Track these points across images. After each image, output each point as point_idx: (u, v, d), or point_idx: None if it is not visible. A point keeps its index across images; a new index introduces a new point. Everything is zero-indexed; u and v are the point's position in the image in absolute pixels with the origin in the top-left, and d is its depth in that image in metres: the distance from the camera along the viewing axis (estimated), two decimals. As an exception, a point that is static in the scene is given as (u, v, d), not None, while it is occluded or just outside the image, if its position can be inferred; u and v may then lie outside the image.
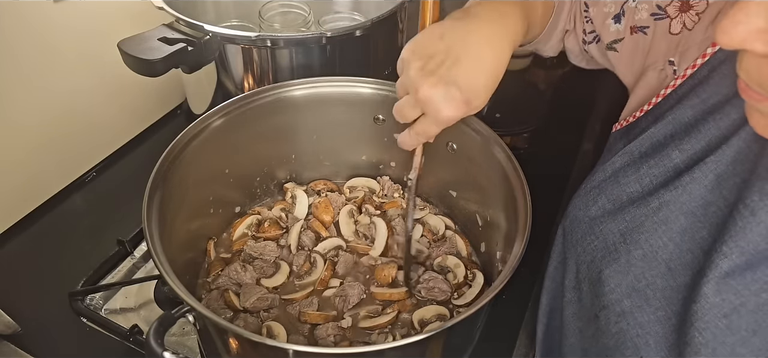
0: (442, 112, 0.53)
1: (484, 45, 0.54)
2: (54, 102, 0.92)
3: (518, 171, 0.67)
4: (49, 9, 0.86)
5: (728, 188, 0.43)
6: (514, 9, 0.57)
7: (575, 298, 0.58)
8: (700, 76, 0.49)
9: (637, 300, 0.47)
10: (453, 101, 0.52)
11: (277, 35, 0.86)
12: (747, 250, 0.40)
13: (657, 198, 0.48)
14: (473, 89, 0.53)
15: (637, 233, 0.49)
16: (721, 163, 0.44)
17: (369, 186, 0.89)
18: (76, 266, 0.81)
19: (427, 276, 0.74)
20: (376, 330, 0.69)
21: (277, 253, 0.77)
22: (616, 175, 0.54)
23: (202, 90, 0.94)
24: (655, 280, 0.46)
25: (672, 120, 0.50)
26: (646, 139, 0.52)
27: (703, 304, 0.41)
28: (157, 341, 0.49)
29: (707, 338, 0.41)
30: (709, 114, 0.47)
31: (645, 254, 0.48)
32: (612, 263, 0.50)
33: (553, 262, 0.64)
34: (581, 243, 0.55)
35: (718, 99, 0.47)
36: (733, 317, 0.40)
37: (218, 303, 0.71)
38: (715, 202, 0.44)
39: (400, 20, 0.96)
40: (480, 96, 0.54)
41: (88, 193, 0.99)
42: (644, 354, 0.45)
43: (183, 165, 0.68)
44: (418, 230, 0.82)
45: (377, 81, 0.79)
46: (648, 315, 0.46)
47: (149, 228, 0.58)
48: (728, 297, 0.40)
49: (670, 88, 0.52)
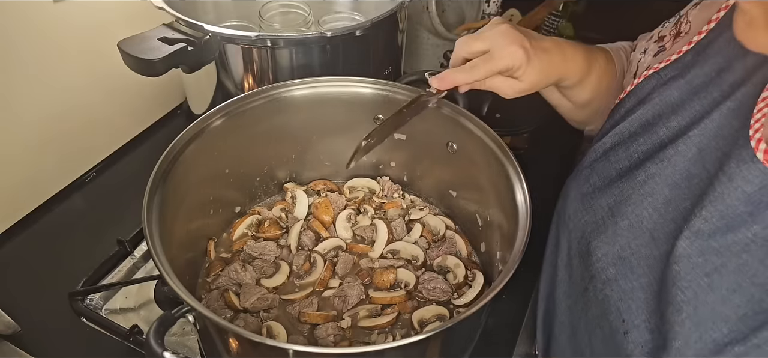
0: (506, 60, 0.60)
1: (563, 60, 0.63)
2: (54, 102, 0.92)
3: (518, 171, 0.67)
4: (49, 9, 0.86)
5: (710, 161, 0.46)
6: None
7: (566, 276, 0.60)
8: (686, 61, 0.53)
9: (622, 268, 0.49)
10: (519, 57, 0.59)
11: (277, 35, 0.86)
12: (726, 213, 0.42)
13: (644, 171, 0.50)
14: (537, 67, 0.60)
15: (624, 205, 0.51)
16: (703, 136, 0.47)
17: (369, 186, 0.89)
18: (76, 266, 0.81)
19: (427, 276, 0.75)
20: (375, 330, 0.69)
21: (277, 253, 0.77)
22: (607, 155, 0.57)
23: (202, 90, 0.94)
24: (639, 249, 0.49)
25: (659, 101, 0.53)
26: (636, 120, 0.55)
27: (685, 264, 0.43)
28: (157, 341, 0.49)
29: (689, 296, 0.43)
30: (694, 94, 0.50)
31: (631, 224, 0.50)
32: (600, 235, 0.53)
33: (548, 247, 0.66)
34: (573, 220, 0.58)
35: (703, 80, 0.50)
36: (715, 277, 0.42)
37: (218, 303, 0.71)
38: (697, 174, 0.46)
39: (400, 20, 0.96)
40: (531, 78, 0.61)
41: (88, 193, 0.99)
42: (626, 317, 0.48)
43: (183, 165, 0.68)
44: (418, 229, 0.82)
45: (377, 81, 0.79)
46: (631, 282, 0.48)
47: (149, 228, 0.58)
48: (710, 258, 0.42)
49: (653, 70, 0.56)
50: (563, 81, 0.66)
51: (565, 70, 0.65)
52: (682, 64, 0.53)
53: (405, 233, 0.82)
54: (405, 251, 0.78)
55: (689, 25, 0.58)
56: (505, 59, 0.60)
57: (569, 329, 0.59)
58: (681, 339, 0.42)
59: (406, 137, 0.84)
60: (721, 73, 0.48)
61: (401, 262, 0.77)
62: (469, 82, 0.63)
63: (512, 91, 0.63)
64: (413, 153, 0.86)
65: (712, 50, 0.50)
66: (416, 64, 1.28)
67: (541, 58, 0.61)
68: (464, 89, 0.65)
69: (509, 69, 0.61)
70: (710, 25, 0.52)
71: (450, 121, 0.77)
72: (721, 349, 0.41)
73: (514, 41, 0.60)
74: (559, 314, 0.61)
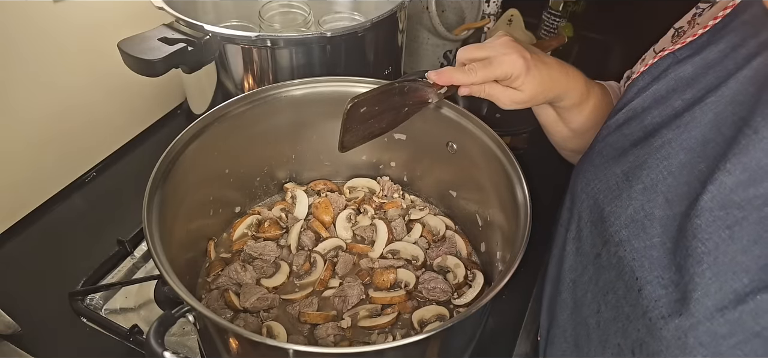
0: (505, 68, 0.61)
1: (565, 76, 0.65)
2: (54, 102, 0.92)
3: (518, 171, 0.67)
4: (49, 9, 0.86)
5: (726, 126, 0.46)
6: None
7: (573, 249, 0.60)
8: (701, 42, 0.53)
9: (634, 229, 0.50)
10: (518, 66, 0.61)
11: (277, 35, 0.86)
12: (750, 166, 0.42)
13: (659, 137, 0.51)
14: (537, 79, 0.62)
15: (639, 169, 0.52)
16: (719, 103, 0.48)
17: (369, 186, 0.89)
18: (76, 266, 0.81)
19: (427, 276, 0.75)
20: (375, 330, 0.69)
21: (277, 253, 0.77)
22: (620, 128, 0.57)
23: (202, 90, 0.94)
24: (653, 210, 0.49)
25: (674, 77, 0.54)
26: (649, 95, 0.56)
27: (707, 217, 0.44)
28: (157, 341, 0.49)
29: (709, 248, 0.43)
30: (709, 68, 0.51)
31: (645, 186, 0.50)
32: (614, 200, 0.53)
33: (559, 228, 0.65)
34: (585, 190, 0.58)
35: (717, 56, 0.51)
36: (736, 229, 0.42)
37: (218, 303, 0.71)
38: (713, 139, 0.47)
39: (400, 20, 0.96)
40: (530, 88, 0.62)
41: (88, 193, 0.99)
42: (639, 275, 0.48)
43: (183, 165, 0.68)
44: (418, 229, 0.82)
45: (377, 81, 0.79)
46: (644, 241, 0.49)
47: (149, 228, 0.58)
48: (732, 211, 0.43)
49: (669, 50, 0.56)
50: (562, 99, 0.66)
51: (566, 86, 0.65)
52: (698, 44, 0.54)
53: (405, 233, 0.82)
54: (405, 251, 0.78)
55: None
56: (504, 66, 0.61)
57: (571, 304, 0.60)
58: (701, 289, 0.43)
59: (406, 137, 0.84)
60: (736, 49, 0.49)
61: (401, 262, 0.77)
62: (466, 84, 0.64)
63: (510, 101, 0.64)
64: (413, 153, 0.86)
65: (727, 31, 0.51)
66: (416, 64, 1.28)
67: (541, 70, 0.62)
68: (463, 92, 0.65)
69: (508, 76, 0.61)
70: (726, 10, 0.53)
71: (450, 121, 0.77)
72: (741, 299, 0.41)
73: (515, 51, 0.61)
74: (562, 291, 0.62)
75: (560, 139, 0.76)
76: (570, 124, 0.71)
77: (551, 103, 0.69)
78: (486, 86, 0.64)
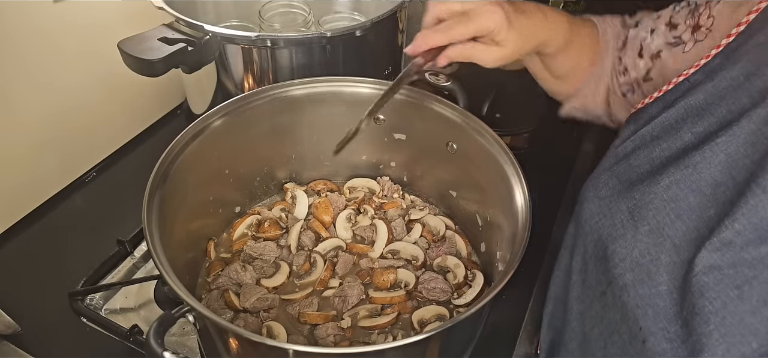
0: (484, 21, 0.57)
1: (545, 21, 0.61)
2: (54, 102, 0.92)
3: (518, 171, 0.67)
4: (49, 9, 0.86)
5: (738, 169, 0.44)
6: None
7: (580, 280, 0.58)
8: (713, 65, 0.51)
9: (640, 274, 0.48)
10: (497, 18, 0.57)
11: (277, 35, 0.86)
12: (760, 226, 0.41)
13: (667, 176, 0.49)
14: (517, 29, 0.58)
15: (645, 210, 0.50)
16: (731, 144, 0.45)
17: (369, 186, 0.89)
18: (76, 266, 0.81)
19: (427, 276, 0.75)
20: (376, 330, 0.69)
21: (277, 253, 0.77)
22: (628, 158, 0.55)
23: (202, 90, 0.94)
24: (659, 255, 0.47)
25: (684, 105, 0.51)
26: (658, 124, 0.53)
27: (715, 275, 0.42)
28: (157, 341, 0.49)
29: (717, 307, 0.41)
30: (721, 99, 0.48)
31: (651, 229, 0.48)
32: (618, 239, 0.51)
33: (563, 249, 0.64)
34: (589, 223, 0.56)
35: (730, 84, 0.48)
36: (745, 289, 0.41)
37: (218, 303, 0.71)
38: (724, 182, 0.45)
39: (400, 20, 0.96)
40: (512, 41, 0.58)
41: (88, 193, 0.99)
42: (643, 325, 0.46)
43: (183, 165, 0.68)
44: (418, 229, 0.82)
45: (377, 81, 0.79)
46: (649, 288, 0.47)
47: (149, 228, 0.58)
48: (742, 270, 0.41)
49: (683, 76, 0.54)
50: (545, 46, 0.63)
51: (548, 33, 0.62)
52: (709, 68, 0.51)
53: (405, 233, 0.82)
54: (405, 251, 0.78)
55: (712, 20, 0.55)
56: (483, 18, 0.56)
57: (580, 336, 0.58)
58: (708, 351, 0.41)
59: (406, 137, 0.84)
60: (750, 78, 0.47)
61: (401, 262, 0.77)
62: (443, 42, 0.58)
63: (493, 58, 0.59)
64: (413, 153, 0.86)
65: (741, 54, 0.49)
66: (416, 64, 1.27)
67: (521, 20, 0.59)
68: (442, 62, 0.60)
69: (489, 31, 0.57)
70: (740, 27, 0.50)
71: (450, 122, 0.77)
72: None
73: (493, 1, 0.57)
74: (570, 320, 0.60)
75: (549, 87, 0.73)
76: (553, 70, 0.68)
77: (536, 52, 0.65)
78: (467, 47, 0.58)
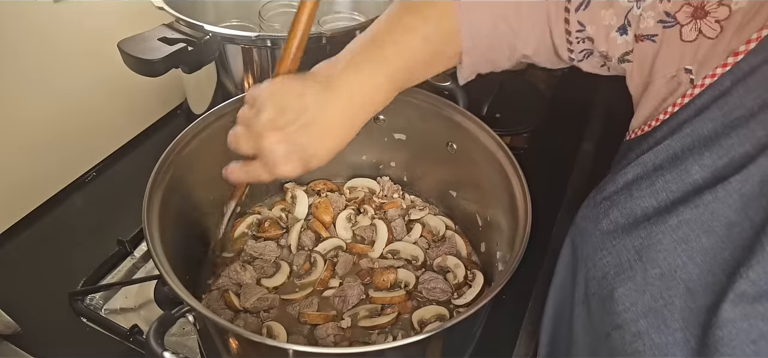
0: (279, 168, 0.54)
1: (340, 119, 0.55)
2: (54, 102, 0.92)
3: (518, 171, 0.67)
4: (50, 9, 0.86)
5: (754, 210, 0.42)
6: (387, 72, 0.57)
7: (584, 312, 0.56)
8: (722, 88, 0.47)
9: (654, 321, 0.46)
10: (291, 162, 0.54)
11: (277, 35, 0.86)
12: None
13: (676, 216, 0.46)
14: (316, 155, 0.55)
15: (653, 250, 0.47)
16: (747, 183, 0.43)
17: (369, 186, 0.89)
18: (76, 266, 0.81)
19: (427, 276, 0.75)
20: (376, 330, 0.69)
21: (277, 253, 0.77)
22: (629, 188, 0.52)
23: (202, 90, 0.94)
24: (673, 300, 0.45)
25: (690, 132, 0.48)
26: (662, 151, 0.50)
27: (730, 329, 0.41)
28: (157, 341, 0.49)
29: None
30: (732, 129, 0.45)
31: (663, 272, 0.46)
32: (626, 281, 0.49)
33: (560, 272, 0.62)
34: (591, 258, 0.53)
35: (742, 113, 0.44)
36: (761, 343, 0.40)
37: (218, 303, 0.71)
38: (739, 223, 0.43)
39: (400, 20, 0.96)
40: (321, 161, 0.56)
41: (88, 193, 0.99)
42: None
43: (183, 165, 0.68)
44: (418, 229, 0.82)
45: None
46: (666, 337, 0.45)
47: (149, 228, 0.58)
48: (756, 323, 0.40)
49: (688, 97, 0.50)
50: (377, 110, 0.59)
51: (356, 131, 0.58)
52: (718, 90, 0.47)
53: (405, 233, 0.82)
54: (405, 251, 0.78)
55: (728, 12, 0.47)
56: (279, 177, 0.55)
57: None
58: None
59: (406, 137, 0.84)
60: (765, 109, 0.43)
61: (401, 262, 0.77)
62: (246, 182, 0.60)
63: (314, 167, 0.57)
64: (413, 153, 0.86)
65: (755, 80, 0.44)
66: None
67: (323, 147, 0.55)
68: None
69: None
70: (750, 45, 0.45)
71: (450, 122, 0.77)
72: None
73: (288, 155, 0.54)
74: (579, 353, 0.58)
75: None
76: (448, 64, 0.61)
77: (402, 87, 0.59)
78: None
